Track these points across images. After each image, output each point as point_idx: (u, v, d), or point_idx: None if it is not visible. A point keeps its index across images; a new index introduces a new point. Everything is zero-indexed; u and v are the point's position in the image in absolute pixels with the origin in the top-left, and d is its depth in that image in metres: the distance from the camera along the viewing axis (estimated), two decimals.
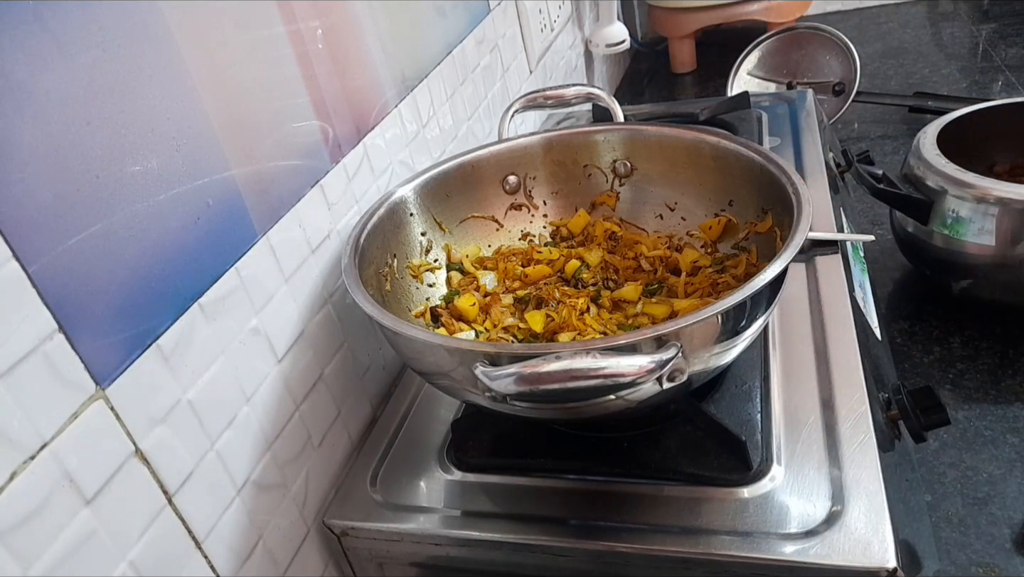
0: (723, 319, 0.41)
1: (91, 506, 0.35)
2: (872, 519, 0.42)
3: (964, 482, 0.60)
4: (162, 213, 0.41)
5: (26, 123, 0.33)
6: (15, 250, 0.32)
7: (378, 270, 0.55)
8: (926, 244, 0.73)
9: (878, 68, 1.35)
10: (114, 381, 0.37)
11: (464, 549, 0.49)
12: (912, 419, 0.49)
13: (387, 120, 0.64)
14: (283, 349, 0.50)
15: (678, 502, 0.46)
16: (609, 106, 0.70)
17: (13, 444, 0.32)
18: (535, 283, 0.61)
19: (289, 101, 0.52)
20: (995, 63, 1.29)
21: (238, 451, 0.46)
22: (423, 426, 0.57)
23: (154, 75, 0.40)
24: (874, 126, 1.18)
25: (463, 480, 0.52)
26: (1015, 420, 0.64)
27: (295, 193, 0.52)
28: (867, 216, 0.94)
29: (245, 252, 0.47)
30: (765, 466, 0.47)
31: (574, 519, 0.47)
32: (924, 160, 0.73)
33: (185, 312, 0.42)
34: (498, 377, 0.38)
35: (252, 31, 0.48)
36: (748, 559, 0.42)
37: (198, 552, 0.42)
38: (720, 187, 0.60)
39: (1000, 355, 0.71)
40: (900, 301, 0.81)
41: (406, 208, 0.60)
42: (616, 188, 0.65)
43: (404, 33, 0.67)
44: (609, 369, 0.37)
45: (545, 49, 1.04)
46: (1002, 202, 0.66)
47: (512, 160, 0.65)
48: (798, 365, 0.54)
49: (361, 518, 0.51)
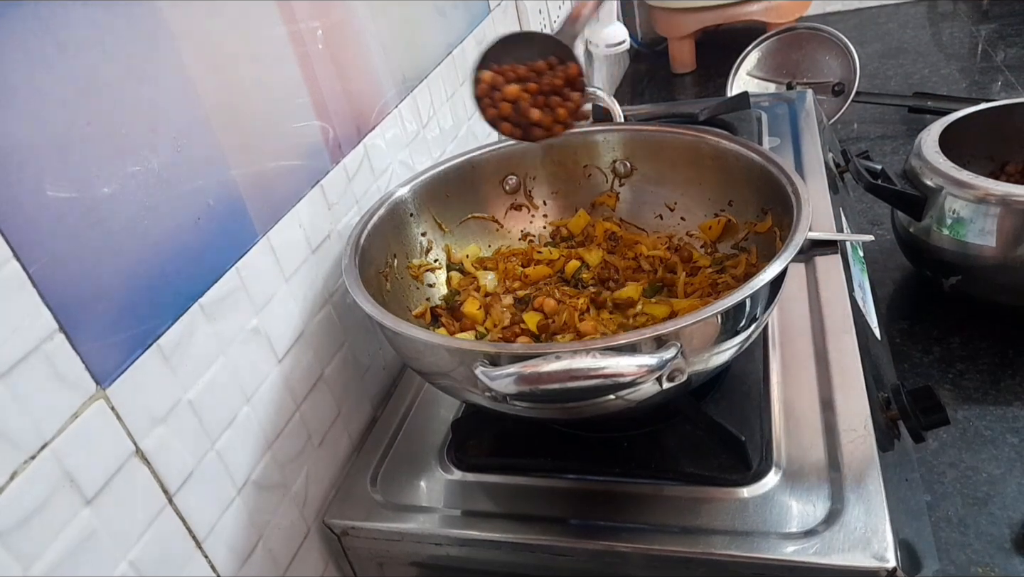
0: (723, 319, 0.41)
1: (91, 506, 0.35)
2: (872, 519, 0.42)
3: (964, 482, 0.60)
4: (162, 213, 0.41)
5: (26, 123, 0.33)
6: (16, 250, 0.32)
7: (378, 270, 0.55)
8: (926, 244, 0.74)
9: (878, 68, 1.35)
10: (114, 381, 0.37)
11: (464, 549, 0.49)
12: (912, 419, 0.49)
13: (387, 120, 0.64)
14: (283, 349, 0.50)
15: (678, 502, 0.47)
16: (609, 106, 0.71)
17: (14, 444, 0.32)
18: (535, 283, 0.61)
19: (289, 101, 0.52)
20: (995, 63, 1.29)
21: (238, 451, 0.46)
22: (423, 426, 0.57)
23: (154, 75, 0.40)
24: (874, 126, 1.18)
25: (463, 480, 0.52)
26: (1015, 420, 0.64)
27: (295, 193, 0.52)
28: (867, 216, 0.94)
29: (245, 252, 0.47)
30: (765, 466, 0.47)
31: (574, 519, 0.47)
32: (925, 160, 0.73)
33: (186, 312, 0.42)
34: (498, 377, 0.38)
35: (252, 31, 0.48)
36: (748, 559, 0.42)
37: (198, 552, 0.42)
38: (720, 187, 0.60)
39: (1000, 355, 0.71)
40: (900, 301, 0.81)
41: (406, 208, 0.60)
42: (616, 188, 0.66)
43: (404, 33, 0.67)
44: (609, 369, 0.37)
45: None
46: (1003, 202, 0.66)
47: (512, 160, 0.65)
48: (798, 365, 0.54)
49: (361, 518, 0.51)
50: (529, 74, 0.52)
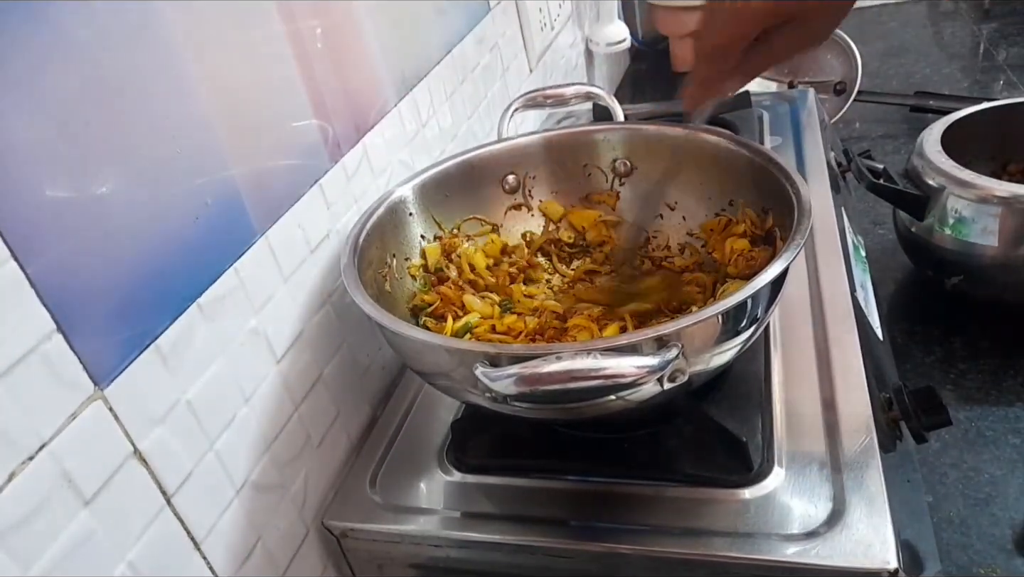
0: (723, 319, 0.41)
1: (90, 507, 0.35)
2: (873, 520, 0.42)
3: (965, 483, 0.60)
4: (161, 212, 0.40)
5: (25, 123, 0.33)
6: (13, 250, 0.32)
7: (377, 270, 0.55)
8: (928, 244, 0.73)
9: (879, 67, 1.35)
10: (113, 381, 0.37)
11: (464, 550, 0.49)
12: (913, 419, 0.49)
13: (386, 119, 0.64)
14: (282, 349, 0.50)
15: (679, 503, 0.46)
16: (609, 105, 0.70)
17: (12, 444, 0.32)
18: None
19: (288, 100, 0.52)
20: (996, 62, 1.29)
21: (237, 452, 0.46)
22: (423, 427, 0.57)
23: (154, 75, 0.40)
24: (875, 125, 1.17)
25: (463, 481, 0.52)
26: (1017, 421, 0.64)
27: (294, 192, 0.52)
28: (869, 216, 0.93)
29: (244, 252, 0.47)
30: (766, 467, 0.47)
31: (574, 520, 0.47)
32: (927, 159, 0.73)
33: (184, 312, 0.42)
34: (498, 378, 0.38)
35: (252, 31, 0.48)
36: (749, 560, 0.42)
37: (197, 553, 0.42)
38: (720, 187, 0.60)
39: (1002, 355, 0.71)
40: (902, 301, 0.81)
41: (405, 208, 0.60)
42: (616, 187, 0.65)
43: (403, 32, 0.67)
44: (610, 370, 0.37)
45: (545, 48, 1.04)
46: (1005, 202, 0.66)
47: (512, 159, 0.65)
48: (799, 365, 0.54)
49: (361, 519, 0.51)
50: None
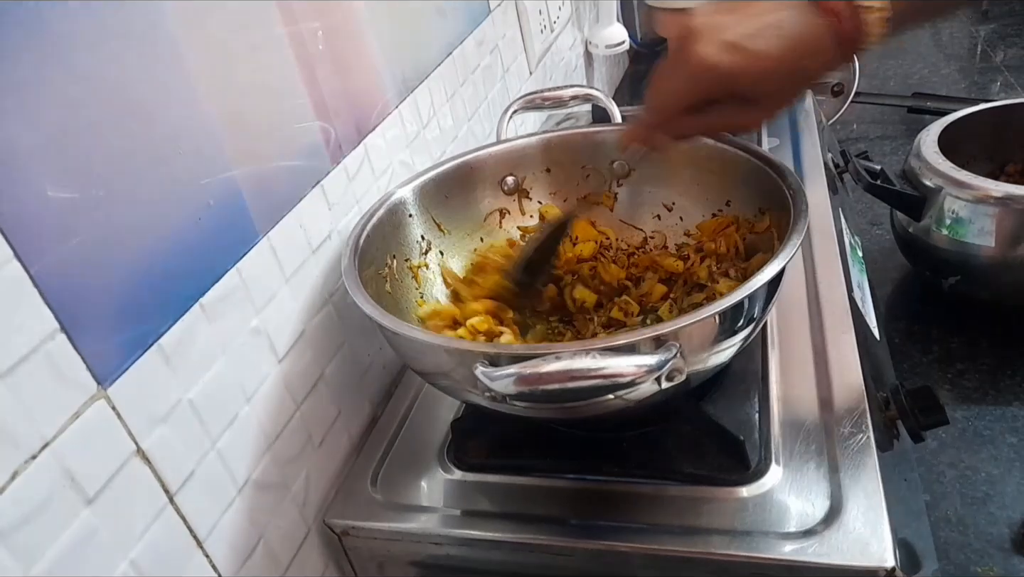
0: (721, 319, 0.41)
1: (92, 505, 0.36)
2: (870, 519, 0.42)
3: (963, 482, 0.60)
4: (163, 213, 0.41)
5: (27, 123, 0.33)
6: (16, 250, 0.33)
7: (378, 271, 0.56)
8: (926, 244, 0.74)
9: (877, 68, 1.35)
10: (115, 381, 0.37)
11: (464, 549, 0.49)
12: (911, 419, 0.50)
13: (387, 121, 0.64)
14: (284, 349, 0.50)
15: (677, 502, 0.47)
16: (607, 107, 0.71)
17: (15, 443, 0.32)
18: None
19: (290, 102, 0.52)
20: (994, 63, 1.29)
21: (239, 451, 0.46)
22: (423, 426, 0.57)
23: (154, 75, 0.41)
24: (873, 127, 1.18)
25: (463, 480, 0.52)
26: (1014, 420, 0.64)
27: (296, 193, 0.52)
28: (866, 216, 0.94)
29: (246, 252, 0.47)
30: (764, 466, 0.47)
31: (574, 519, 0.47)
32: (924, 160, 0.73)
33: (186, 312, 0.42)
34: (498, 377, 0.38)
35: (252, 32, 0.48)
36: (747, 558, 0.42)
37: (199, 551, 0.42)
38: (718, 187, 0.60)
39: (999, 355, 0.71)
40: (899, 301, 0.81)
41: (405, 209, 0.60)
42: (614, 189, 0.66)
43: (404, 34, 0.67)
44: (608, 369, 0.37)
45: (545, 50, 1.04)
46: (1002, 203, 0.66)
47: (511, 161, 0.65)
48: (797, 365, 0.54)
49: (362, 518, 0.51)
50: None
